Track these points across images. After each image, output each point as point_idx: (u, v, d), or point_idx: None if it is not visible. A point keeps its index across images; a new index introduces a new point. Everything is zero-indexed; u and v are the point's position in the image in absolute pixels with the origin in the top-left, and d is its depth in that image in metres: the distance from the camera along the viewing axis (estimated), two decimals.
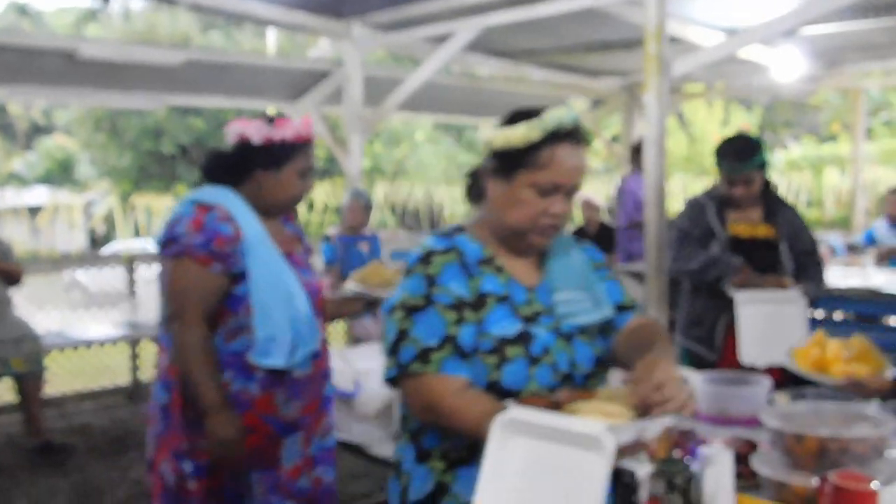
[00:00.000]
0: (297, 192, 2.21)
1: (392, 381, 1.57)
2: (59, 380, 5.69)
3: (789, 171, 16.02)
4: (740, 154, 3.19)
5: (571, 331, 1.63)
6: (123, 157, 21.25)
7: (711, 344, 3.31)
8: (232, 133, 2.17)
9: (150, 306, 5.94)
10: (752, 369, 2.82)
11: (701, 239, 3.31)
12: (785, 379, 2.50)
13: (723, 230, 3.29)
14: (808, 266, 3.31)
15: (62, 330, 5.69)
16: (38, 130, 26.27)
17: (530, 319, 1.60)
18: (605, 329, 1.68)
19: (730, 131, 9.95)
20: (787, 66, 7.16)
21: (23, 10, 30.28)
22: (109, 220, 16.60)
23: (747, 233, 3.29)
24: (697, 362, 3.22)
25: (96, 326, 5.87)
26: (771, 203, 3.33)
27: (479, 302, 1.57)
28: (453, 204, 20.73)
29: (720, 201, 3.33)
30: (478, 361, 1.54)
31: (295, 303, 2.12)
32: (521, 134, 1.56)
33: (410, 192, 19.67)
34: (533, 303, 1.63)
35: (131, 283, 6.07)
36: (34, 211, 20.45)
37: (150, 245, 14.44)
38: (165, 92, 7.22)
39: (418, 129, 20.71)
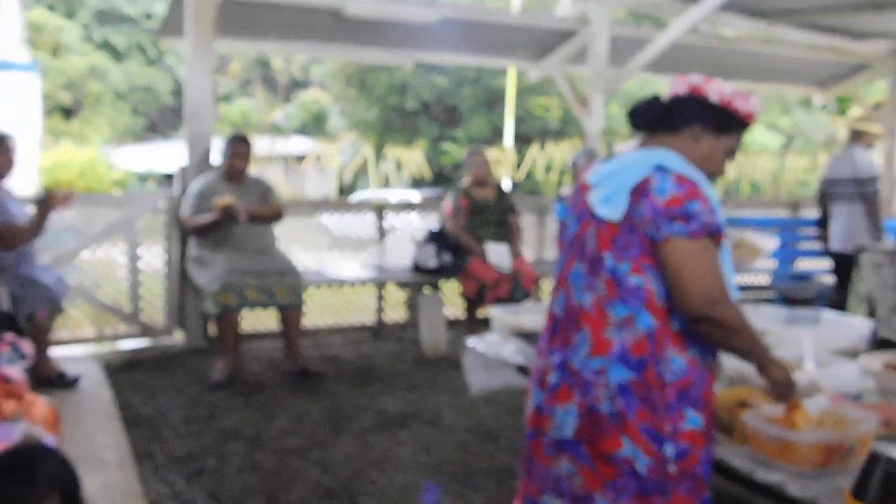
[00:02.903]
0: (718, 168, 2.14)
1: None
2: (313, 313, 6.23)
3: None
4: None
5: None
6: (371, 111, 22.50)
7: None
8: (681, 84, 2.12)
9: (394, 251, 6.34)
10: None
11: None
12: None
13: None
14: None
15: (319, 268, 6.20)
16: (296, 85, 28.32)
17: None
18: None
19: None
20: None
21: None
22: (356, 170, 17.68)
23: None
24: None
25: (348, 266, 6.32)
26: None
27: None
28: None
29: None
30: None
31: None
32: None
33: None
34: None
35: (381, 229, 6.48)
36: (289, 159, 22.13)
37: (398, 195, 15.26)
38: (417, 48, 7.53)
39: (655, 90, 20.15)
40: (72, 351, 5.30)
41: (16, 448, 1.87)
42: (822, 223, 7.27)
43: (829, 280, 7.07)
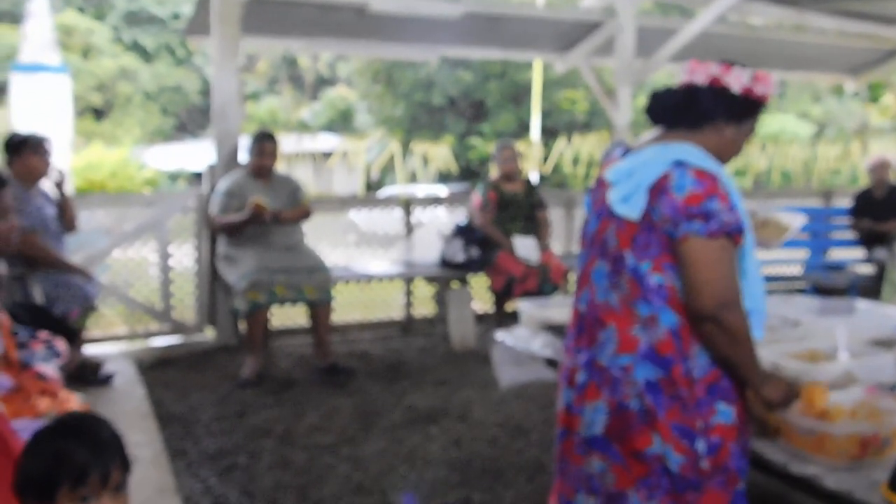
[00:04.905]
0: (738, 151, 2.11)
1: None
2: (342, 309, 6.25)
3: None
4: None
5: None
6: (397, 107, 22.54)
7: None
8: (699, 73, 2.04)
9: (422, 246, 6.35)
10: None
11: None
12: None
13: None
14: None
15: (347, 265, 6.22)
16: (323, 82, 28.41)
17: None
18: None
19: None
20: None
21: None
22: (384, 166, 17.74)
23: None
24: None
25: (376, 263, 6.34)
26: None
27: None
28: None
29: None
30: None
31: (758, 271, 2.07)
32: None
33: None
34: None
35: (408, 224, 6.49)
36: (317, 156, 22.22)
37: (425, 190, 15.29)
38: (442, 44, 7.51)
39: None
40: (105, 349, 5.37)
41: (71, 415, 1.87)
42: (854, 212, 7.18)
43: (863, 269, 6.99)
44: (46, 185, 4.45)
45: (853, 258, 7.28)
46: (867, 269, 6.96)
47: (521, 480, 3.57)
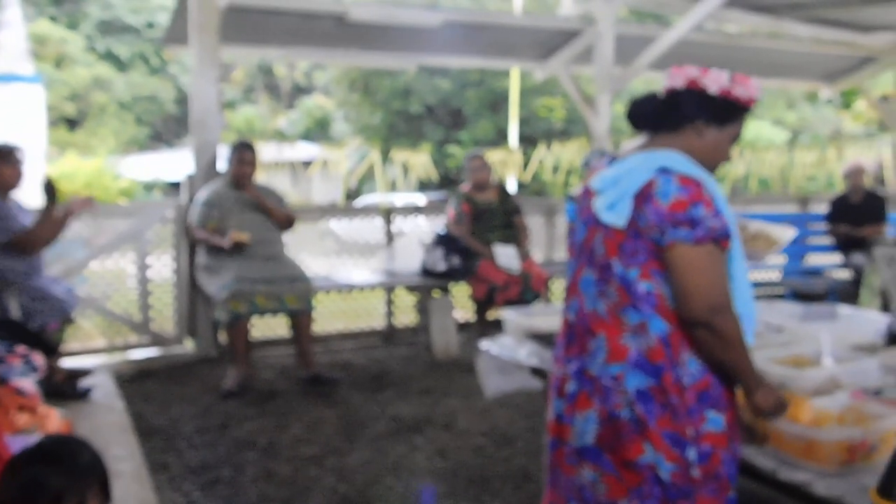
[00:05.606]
0: (724, 157, 2.09)
1: None
2: (324, 319, 6.21)
3: None
4: None
5: None
6: (375, 115, 22.50)
7: None
8: (678, 77, 2.04)
9: (403, 255, 6.32)
10: None
11: None
12: None
13: None
14: None
15: (328, 274, 6.19)
16: (299, 91, 28.34)
17: None
18: None
19: None
20: None
21: None
22: (362, 175, 17.73)
23: None
24: None
25: (357, 272, 6.30)
26: None
27: None
28: None
29: None
30: None
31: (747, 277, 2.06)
32: None
33: None
34: None
35: (389, 233, 6.46)
36: (295, 165, 22.15)
37: (403, 199, 15.27)
38: (421, 52, 7.51)
39: (661, 88, 20.10)
40: (83, 362, 5.29)
41: (51, 438, 1.86)
42: (831, 217, 7.24)
43: (841, 275, 7.05)
44: (19, 194, 4.38)
45: (831, 263, 7.34)
46: (844, 275, 7.02)
47: (508, 489, 3.55)
